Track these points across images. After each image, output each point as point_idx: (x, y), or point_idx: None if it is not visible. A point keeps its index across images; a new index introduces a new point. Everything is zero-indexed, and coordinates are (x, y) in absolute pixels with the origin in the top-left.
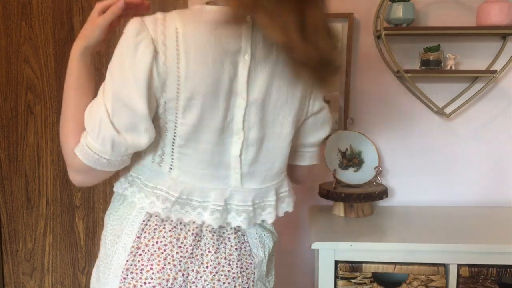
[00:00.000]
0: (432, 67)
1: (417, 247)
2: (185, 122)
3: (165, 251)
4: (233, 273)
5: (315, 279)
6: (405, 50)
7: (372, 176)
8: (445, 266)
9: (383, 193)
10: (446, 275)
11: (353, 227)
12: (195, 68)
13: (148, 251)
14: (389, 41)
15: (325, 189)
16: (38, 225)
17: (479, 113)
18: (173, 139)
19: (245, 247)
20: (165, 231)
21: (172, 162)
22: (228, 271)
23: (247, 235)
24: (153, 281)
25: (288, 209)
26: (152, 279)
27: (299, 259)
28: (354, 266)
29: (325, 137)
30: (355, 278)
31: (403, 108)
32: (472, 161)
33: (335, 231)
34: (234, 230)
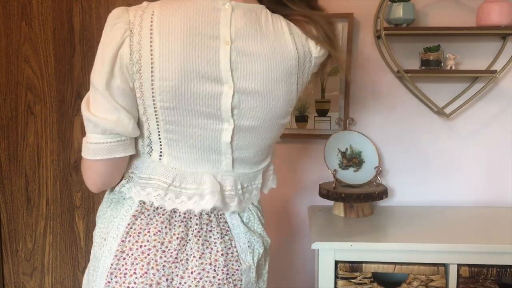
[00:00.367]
0: (432, 67)
1: (417, 247)
2: (164, 105)
3: (148, 255)
4: (219, 279)
5: (315, 279)
6: (405, 50)
7: (372, 176)
8: (445, 266)
9: (383, 193)
10: (446, 275)
11: (353, 227)
12: (168, 47)
13: (132, 255)
14: (389, 41)
15: (325, 189)
16: (38, 225)
17: (479, 113)
18: (157, 125)
19: (232, 252)
20: (149, 235)
21: (161, 149)
22: (213, 277)
23: (235, 239)
24: (136, 286)
25: (273, 185)
26: (135, 283)
27: (299, 259)
28: (354, 266)
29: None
30: (355, 278)
31: (403, 108)
32: (472, 161)
33: (335, 231)
34: (221, 234)
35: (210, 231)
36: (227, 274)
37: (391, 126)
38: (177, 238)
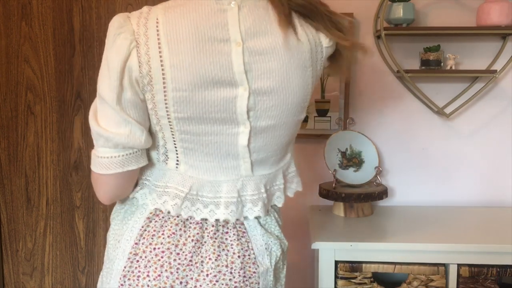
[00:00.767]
0: (432, 67)
1: (417, 247)
2: (178, 116)
3: (162, 258)
4: (235, 282)
5: (315, 279)
6: (405, 50)
7: (372, 176)
8: (445, 266)
9: (383, 193)
10: (446, 275)
11: (353, 227)
12: (179, 57)
13: (145, 257)
14: (389, 41)
15: (325, 189)
16: (38, 225)
17: (479, 113)
18: (172, 135)
19: (249, 254)
20: (163, 237)
21: (177, 157)
22: (229, 279)
23: (252, 242)
24: None
25: (298, 188)
26: (148, 286)
27: (299, 259)
28: (354, 266)
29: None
30: (355, 278)
31: (403, 108)
32: (472, 161)
33: (335, 231)
34: (237, 236)
35: (226, 233)
36: (244, 277)
37: (391, 126)
38: (192, 240)
